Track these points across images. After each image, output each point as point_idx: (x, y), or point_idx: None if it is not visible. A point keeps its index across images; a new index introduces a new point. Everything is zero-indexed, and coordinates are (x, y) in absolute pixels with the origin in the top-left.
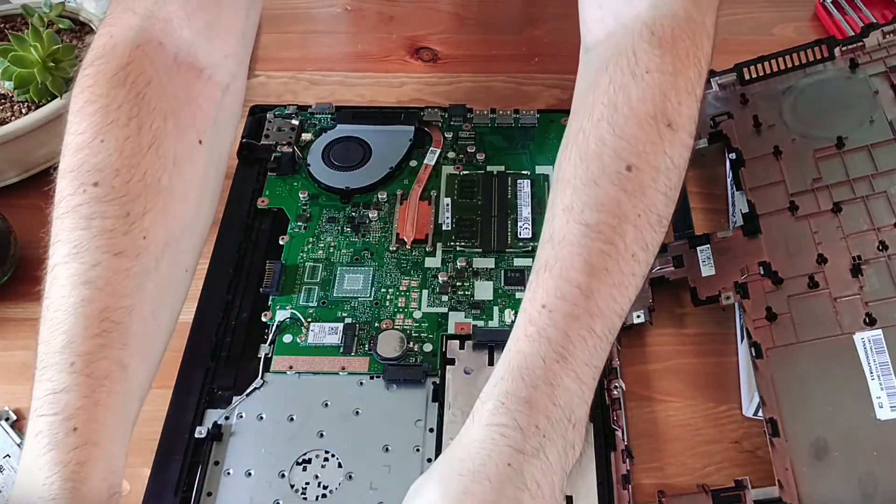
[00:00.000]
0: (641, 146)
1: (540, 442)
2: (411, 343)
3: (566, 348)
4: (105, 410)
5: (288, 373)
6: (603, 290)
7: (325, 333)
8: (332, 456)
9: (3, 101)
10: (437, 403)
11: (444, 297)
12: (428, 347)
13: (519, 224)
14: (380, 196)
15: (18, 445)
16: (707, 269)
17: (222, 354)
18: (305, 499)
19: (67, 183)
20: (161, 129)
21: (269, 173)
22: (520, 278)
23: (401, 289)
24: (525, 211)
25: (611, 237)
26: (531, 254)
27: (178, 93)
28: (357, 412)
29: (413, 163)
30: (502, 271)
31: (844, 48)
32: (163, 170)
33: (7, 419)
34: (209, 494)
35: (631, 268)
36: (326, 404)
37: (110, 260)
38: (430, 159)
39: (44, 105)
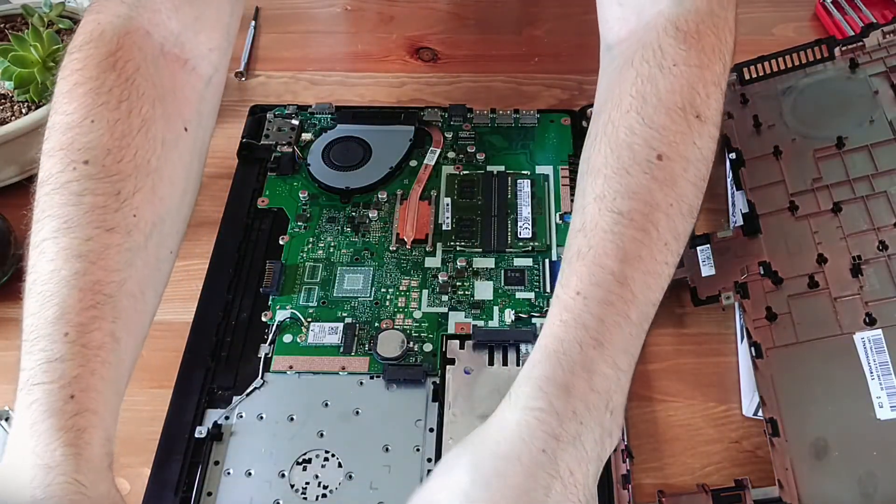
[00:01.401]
0: (671, 136)
1: (577, 429)
2: (411, 343)
3: (602, 334)
4: (100, 380)
5: (288, 373)
6: (637, 276)
7: (325, 333)
8: (332, 456)
9: (3, 101)
10: (437, 403)
11: (444, 297)
12: (428, 347)
13: (519, 224)
14: (380, 196)
15: None
16: (707, 269)
17: (222, 354)
18: (305, 499)
19: (56, 161)
20: (150, 113)
21: (269, 173)
22: (520, 278)
23: (401, 289)
24: (525, 211)
25: (643, 225)
26: (531, 254)
27: (164, 81)
28: (357, 412)
29: (413, 163)
30: (502, 271)
31: (844, 48)
32: (152, 152)
33: (7, 419)
34: (209, 494)
35: (664, 256)
36: (326, 404)
37: (102, 235)
38: (430, 159)
39: (44, 105)
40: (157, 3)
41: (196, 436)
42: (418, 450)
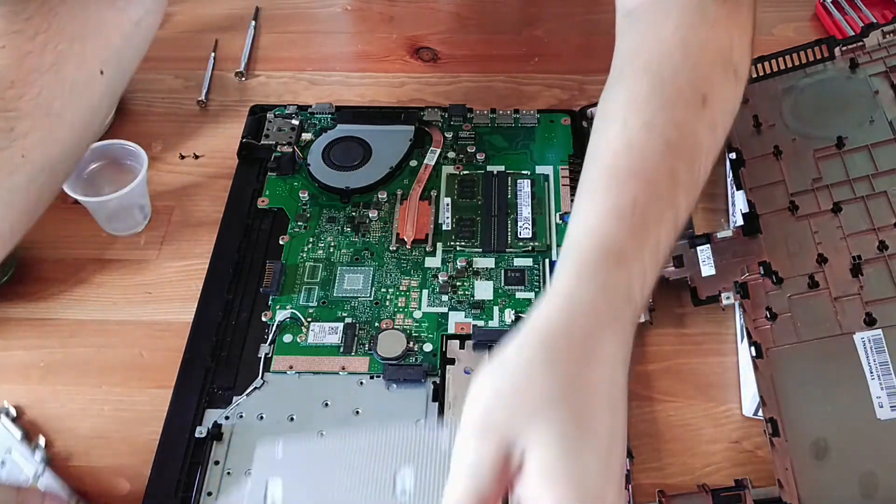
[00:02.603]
0: (714, 84)
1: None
2: (411, 343)
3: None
4: None
5: (288, 373)
6: (682, 203)
7: (325, 333)
8: None
9: None
10: (437, 403)
11: (444, 297)
12: (428, 347)
13: (519, 224)
14: (380, 196)
15: (19, 441)
16: (707, 269)
17: (222, 354)
18: None
19: None
20: (66, 51)
21: (269, 173)
22: (520, 278)
23: (401, 289)
24: (525, 211)
25: (690, 159)
26: (531, 254)
27: (89, 19)
28: (357, 412)
29: (413, 163)
30: (502, 271)
31: (844, 48)
32: (58, 94)
33: (7, 414)
34: (209, 494)
35: (694, 196)
36: (326, 404)
37: None
38: (430, 159)
39: None
40: None
41: (196, 436)
42: None
